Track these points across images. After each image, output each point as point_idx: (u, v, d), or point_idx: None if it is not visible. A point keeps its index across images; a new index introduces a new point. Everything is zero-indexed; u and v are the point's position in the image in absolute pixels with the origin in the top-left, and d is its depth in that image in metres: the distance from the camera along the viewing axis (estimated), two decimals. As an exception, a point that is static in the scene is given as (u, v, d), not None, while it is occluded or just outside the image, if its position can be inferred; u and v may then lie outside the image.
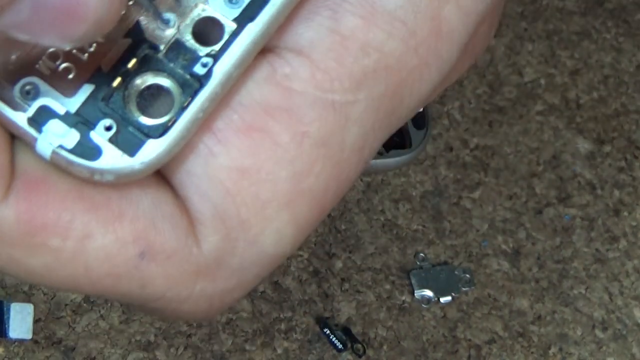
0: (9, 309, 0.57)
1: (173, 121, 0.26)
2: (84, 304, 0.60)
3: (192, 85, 0.26)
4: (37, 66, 0.26)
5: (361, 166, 0.27)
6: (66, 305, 0.60)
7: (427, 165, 0.69)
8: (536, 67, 0.74)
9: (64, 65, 0.26)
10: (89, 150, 0.25)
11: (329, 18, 0.26)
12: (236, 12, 0.27)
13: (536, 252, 0.67)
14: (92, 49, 0.26)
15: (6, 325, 0.56)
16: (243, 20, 0.26)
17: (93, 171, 0.25)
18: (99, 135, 0.26)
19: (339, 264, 0.64)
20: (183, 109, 0.26)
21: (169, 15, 0.26)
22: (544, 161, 0.70)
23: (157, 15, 0.26)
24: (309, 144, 0.26)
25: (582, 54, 0.75)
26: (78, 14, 0.23)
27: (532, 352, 0.64)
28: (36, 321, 0.59)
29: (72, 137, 0.25)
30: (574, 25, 0.76)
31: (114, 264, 0.25)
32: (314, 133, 0.26)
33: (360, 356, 0.61)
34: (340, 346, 0.61)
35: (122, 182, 0.26)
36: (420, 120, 0.67)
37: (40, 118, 0.26)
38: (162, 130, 0.26)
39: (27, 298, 0.59)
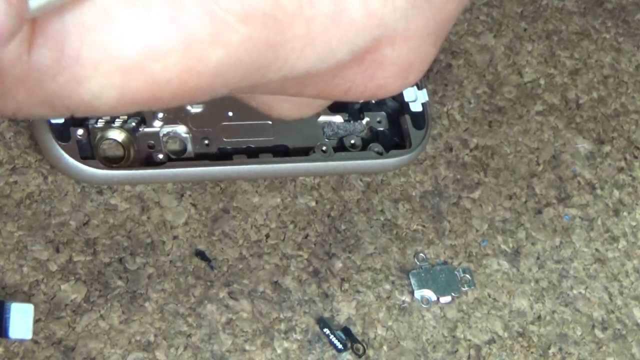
0: (9, 309, 0.57)
1: None
2: (84, 304, 0.60)
3: None
4: None
5: (209, 91, 0.28)
6: (66, 305, 0.60)
7: (427, 165, 0.69)
8: (536, 67, 0.74)
9: None
10: None
11: None
12: None
13: (536, 252, 0.67)
14: None
15: (6, 325, 0.56)
16: None
17: None
18: None
19: (338, 264, 0.64)
20: None
21: None
22: (544, 161, 0.70)
23: None
24: (175, 30, 0.27)
25: (582, 54, 0.75)
26: None
27: (532, 352, 0.64)
28: (36, 321, 0.58)
29: None
30: (573, 25, 0.76)
31: None
32: (185, 26, 0.27)
33: (360, 356, 0.61)
34: (340, 346, 0.61)
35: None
36: (420, 120, 0.67)
37: None
38: None
39: (27, 298, 0.59)
